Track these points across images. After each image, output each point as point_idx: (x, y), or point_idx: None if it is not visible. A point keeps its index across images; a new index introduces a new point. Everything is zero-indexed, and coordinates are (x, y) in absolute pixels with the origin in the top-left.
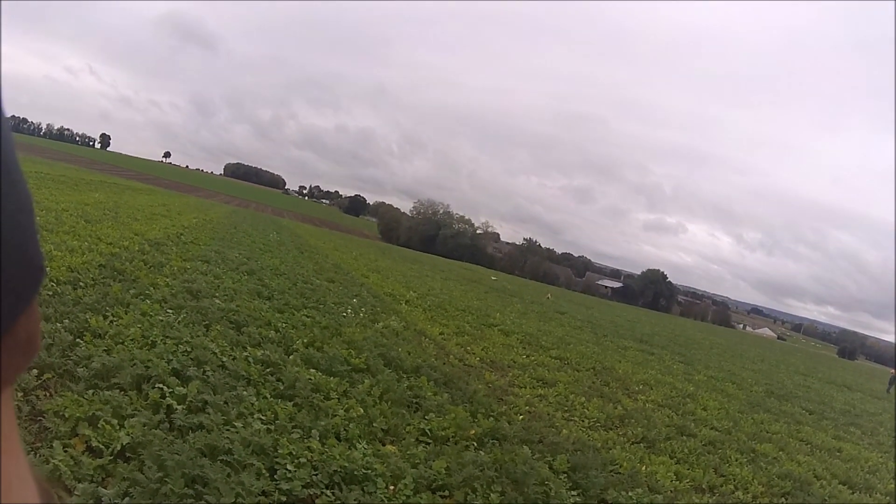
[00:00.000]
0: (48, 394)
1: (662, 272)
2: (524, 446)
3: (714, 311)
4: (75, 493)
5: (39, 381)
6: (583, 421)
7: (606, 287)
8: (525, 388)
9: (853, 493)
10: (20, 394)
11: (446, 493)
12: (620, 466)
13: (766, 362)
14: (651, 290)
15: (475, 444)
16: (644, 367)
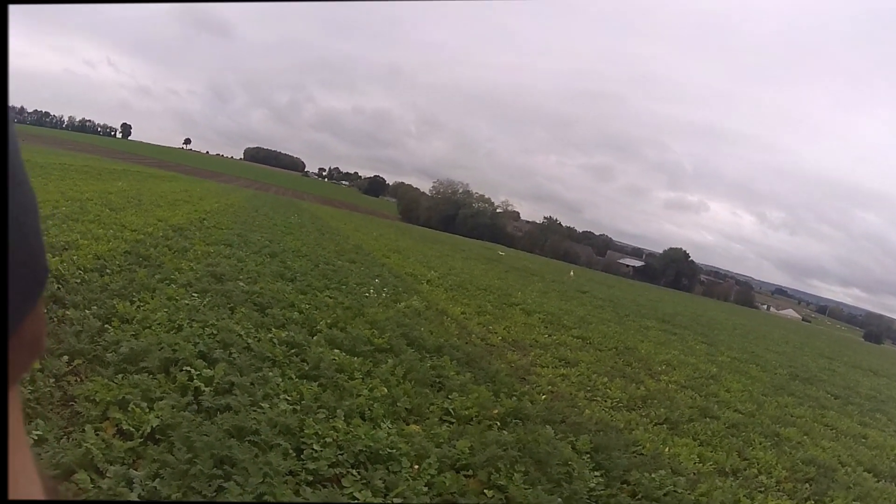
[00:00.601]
0: (79, 379)
1: (684, 251)
2: (547, 426)
3: (737, 292)
4: (107, 475)
5: (70, 367)
6: (605, 401)
7: (628, 266)
8: (547, 367)
9: (878, 481)
10: (52, 380)
11: (470, 472)
12: (643, 448)
13: (791, 345)
14: (673, 269)
15: (498, 423)
16: (666, 347)
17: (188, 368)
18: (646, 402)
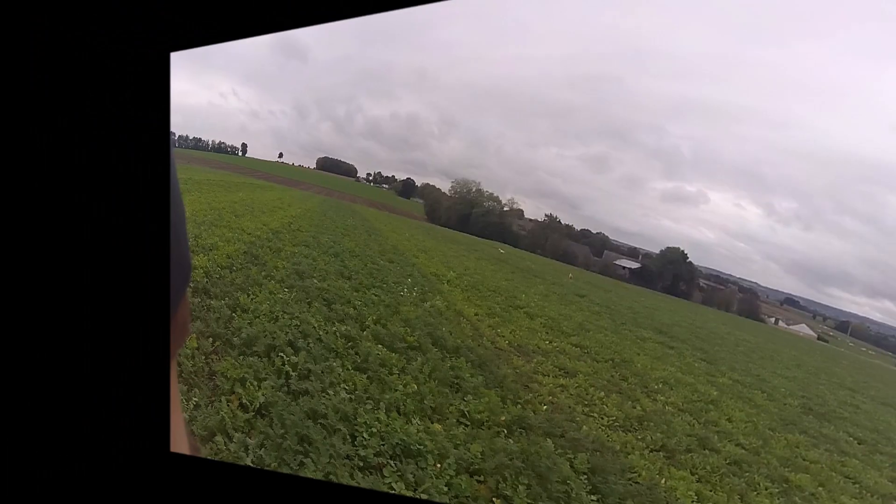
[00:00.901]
0: (218, 357)
1: (682, 251)
2: (548, 439)
3: (740, 300)
4: (233, 440)
5: (213, 348)
6: (602, 419)
7: (624, 268)
8: (548, 376)
9: None
10: (203, 357)
11: (481, 478)
12: (639, 475)
13: (803, 369)
14: (670, 272)
15: (505, 430)
16: (663, 362)
17: (282, 354)
18: (642, 423)
